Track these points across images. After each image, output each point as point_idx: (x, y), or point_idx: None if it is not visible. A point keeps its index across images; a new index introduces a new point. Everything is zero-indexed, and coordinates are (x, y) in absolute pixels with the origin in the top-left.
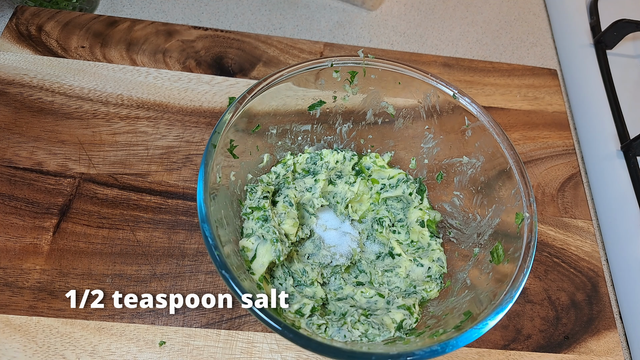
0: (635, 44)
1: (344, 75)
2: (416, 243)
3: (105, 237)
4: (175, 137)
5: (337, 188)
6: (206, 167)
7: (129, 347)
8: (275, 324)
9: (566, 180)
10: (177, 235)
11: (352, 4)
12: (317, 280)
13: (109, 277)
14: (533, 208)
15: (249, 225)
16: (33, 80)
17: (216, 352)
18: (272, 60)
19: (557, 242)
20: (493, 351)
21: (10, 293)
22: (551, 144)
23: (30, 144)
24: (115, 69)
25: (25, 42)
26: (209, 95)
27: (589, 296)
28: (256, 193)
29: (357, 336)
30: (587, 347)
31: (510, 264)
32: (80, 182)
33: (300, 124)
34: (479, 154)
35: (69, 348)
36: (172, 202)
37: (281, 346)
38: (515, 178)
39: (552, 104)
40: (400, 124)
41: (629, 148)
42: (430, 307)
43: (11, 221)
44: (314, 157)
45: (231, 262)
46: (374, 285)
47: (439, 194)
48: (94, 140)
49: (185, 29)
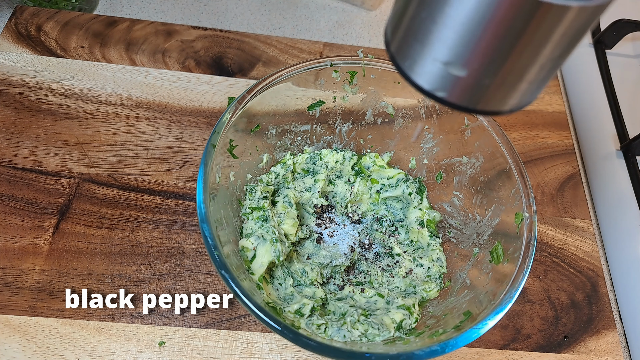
0: (634, 44)
1: (343, 75)
2: (416, 243)
3: (104, 237)
4: (175, 137)
5: (337, 188)
6: (206, 167)
7: (129, 347)
8: (274, 324)
9: (565, 180)
10: (177, 236)
11: (352, 4)
12: (316, 281)
13: (109, 277)
14: (532, 208)
15: (248, 226)
16: (32, 80)
17: (216, 352)
18: (271, 60)
19: (556, 242)
20: (493, 351)
21: (9, 293)
22: (551, 143)
23: (29, 144)
24: (114, 69)
25: (24, 42)
26: (209, 95)
27: (589, 296)
28: (256, 193)
29: (356, 336)
30: (586, 347)
31: (510, 264)
32: (80, 182)
33: (299, 124)
34: (479, 154)
35: (69, 348)
36: (172, 202)
37: (281, 346)
38: (514, 178)
39: (552, 104)
40: (399, 123)
41: (629, 148)
42: (430, 307)
43: (10, 221)
44: (313, 157)
45: (231, 262)
46: (374, 285)
47: (439, 193)
48: (94, 140)
49: (184, 29)
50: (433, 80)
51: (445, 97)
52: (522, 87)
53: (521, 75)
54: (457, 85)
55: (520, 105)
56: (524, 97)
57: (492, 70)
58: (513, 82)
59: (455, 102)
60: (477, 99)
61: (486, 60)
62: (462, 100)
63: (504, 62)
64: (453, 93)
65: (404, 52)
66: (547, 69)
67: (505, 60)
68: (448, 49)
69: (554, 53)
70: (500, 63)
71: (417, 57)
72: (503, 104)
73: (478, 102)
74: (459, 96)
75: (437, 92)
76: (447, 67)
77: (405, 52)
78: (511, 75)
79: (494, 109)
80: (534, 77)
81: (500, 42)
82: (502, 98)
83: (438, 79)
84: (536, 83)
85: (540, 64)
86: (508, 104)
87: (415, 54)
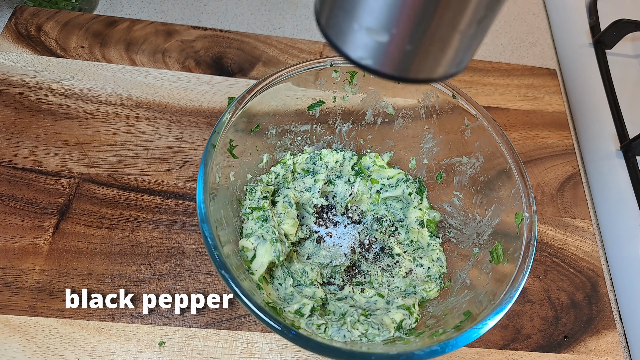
0: (634, 44)
1: (343, 75)
2: (416, 243)
3: (104, 237)
4: (175, 137)
5: (337, 188)
6: (206, 167)
7: (129, 347)
8: (274, 324)
9: (565, 180)
10: (177, 235)
11: None
12: (316, 281)
13: (109, 277)
14: (532, 208)
15: (248, 226)
16: (32, 80)
17: (216, 352)
18: (271, 60)
19: (556, 242)
20: (492, 351)
21: (9, 293)
22: (550, 143)
23: (29, 144)
24: (114, 69)
25: (24, 42)
26: (209, 95)
27: (589, 296)
28: (256, 193)
29: (356, 336)
30: (586, 347)
31: (510, 264)
32: (80, 182)
33: (299, 124)
34: (479, 154)
35: (69, 348)
36: (172, 202)
37: (281, 346)
38: (514, 178)
39: (552, 104)
40: (399, 123)
41: (629, 148)
42: (430, 307)
43: (10, 221)
44: (313, 157)
45: (231, 262)
46: (374, 285)
47: (439, 193)
48: (94, 140)
49: (184, 29)
50: (360, 48)
51: (372, 65)
52: (448, 54)
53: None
54: (382, 52)
55: (448, 73)
56: (452, 65)
57: (414, 35)
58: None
59: (383, 70)
60: (405, 66)
61: (406, 24)
62: (390, 68)
63: (424, 26)
64: (380, 61)
65: (332, 23)
66: (471, 34)
67: (425, 24)
68: (369, 14)
69: (475, 16)
70: (420, 27)
71: (343, 26)
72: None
73: (406, 70)
74: (386, 64)
75: (364, 61)
76: (369, 33)
77: (332, 23)
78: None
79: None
80: (457, 42)
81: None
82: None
83: (364, 46)
84: (462, 50)
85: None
86: (436, 72)
87: (341, 23)
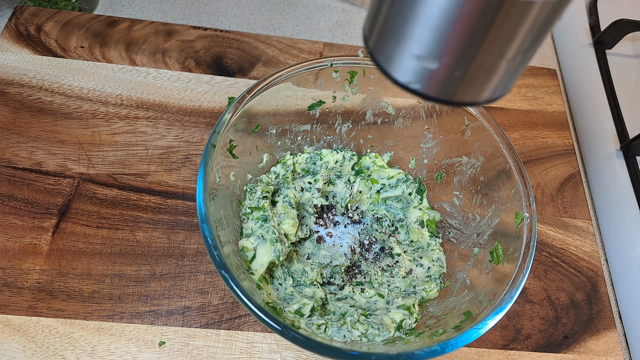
0: (634, 44)
1: (343, 75)
2: (416, 243)
3: (104, 237)
4: (175, 137)
5: (337, 188)
6: (206, 167)
7: (129, 347)
8: (274, 324)
9: (565, 180)
10: (177, 236)
11: (352, 4)
12: (316, 281)
13: (109, 277)
14: (532, 208)
15: (248, 226)
16: (32, 80)
17: (216, 352)
18: (271, 60)
19: (556, 242)
20: (492, 351)
21: (9, 293)
22: (551, 143)
23: (29, 144)
24: (114, 69)
25: (24, 42)
26: (209, 95)
27: (589, 296)
28: (256, 193)
29: (356, 336)
30: (586, 347)
31: (510, 264)
32: (80, 182)
33: (299, 124)
34: (479, 154)
35: (69, 348)
36: (172, 202)
37: (281, 346)
38: (514, 178)
39: (552, 104)
40: (399, 123)
41: (629, 148)
42: (430, 307)
43: (10, 221)
44: (313, 157)
45: (231, 262)
46: (374, 285)
47: (439, 193)
48: (94, 140)
49: (184, 29)
50: (408, 73)
51: (420, 89)
52: (494, 80)
53: (491, 68)
54: (430, 78)
55: (493, 97)
56: (497, 90)
57: (462, 63)
58: (484, 75)
59: (430, 94)
60: (452, 91)
61: (455, 53)
62: (437, 92)
63: (472, 55)
64: (428, 86)
65: (381, 48)
66: (517, 62)
67: (474, 54)
68: (419, 43)
69: (522, 46)
70: (469, 56)
71: (392, 52)
72: (477, 96)
73: (453, 94)
74: (433, 89)
75: (412, 85)
76: (419, 60)
77: (381, 48)
78: (481, 68)
79: (468, 100)
80: (504, 70)
81: (466, 36)
82: (475, 90)
83: (412, 72)
84: (507, 76)
85: (508, 57)
86: (481, 96)
87: (390, 49)
